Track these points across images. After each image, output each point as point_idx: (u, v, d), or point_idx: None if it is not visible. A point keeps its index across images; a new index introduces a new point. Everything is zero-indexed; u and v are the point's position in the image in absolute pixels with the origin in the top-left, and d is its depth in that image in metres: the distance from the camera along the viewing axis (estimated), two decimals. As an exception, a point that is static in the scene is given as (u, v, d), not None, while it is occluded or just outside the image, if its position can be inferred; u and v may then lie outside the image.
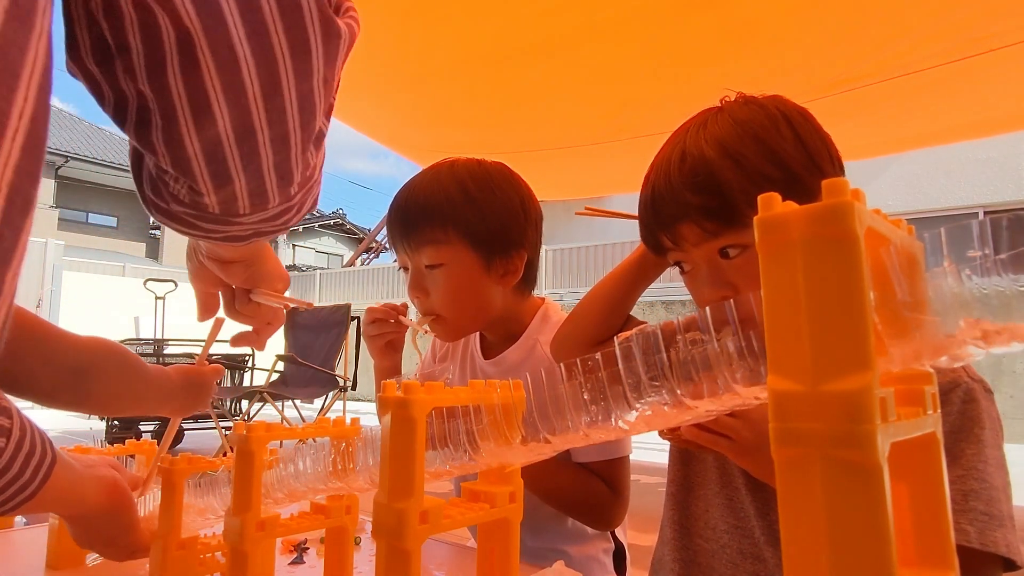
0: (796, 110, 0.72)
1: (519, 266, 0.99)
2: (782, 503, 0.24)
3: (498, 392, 0.47)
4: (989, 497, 0.60)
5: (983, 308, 0.24)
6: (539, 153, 3.14)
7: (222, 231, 0.47)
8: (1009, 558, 0.58)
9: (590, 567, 1.01)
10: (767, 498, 0.74)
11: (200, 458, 0.67)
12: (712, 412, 0.35)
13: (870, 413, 0.22)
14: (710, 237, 0.69)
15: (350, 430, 0.61)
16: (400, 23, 2.10)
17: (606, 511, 0.97)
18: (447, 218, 0.94)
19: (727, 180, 0.67)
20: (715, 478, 0.81)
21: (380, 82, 2.52)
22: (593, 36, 2.20)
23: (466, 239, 0.95)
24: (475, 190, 0.96)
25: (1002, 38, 2.04)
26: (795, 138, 0.69)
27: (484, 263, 0.96)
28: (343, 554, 0.63)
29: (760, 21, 2.11)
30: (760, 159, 0.68)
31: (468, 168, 0.99)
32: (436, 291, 0.98)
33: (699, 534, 0.79)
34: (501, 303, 1.01)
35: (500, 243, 0.96)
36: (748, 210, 0.67)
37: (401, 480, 0.41)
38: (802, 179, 0.68)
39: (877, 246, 0.25)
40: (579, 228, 10.13)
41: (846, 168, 0.75)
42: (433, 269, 0.97)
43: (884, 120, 2.72)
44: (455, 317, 0.99)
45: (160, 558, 0.64)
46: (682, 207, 0.69)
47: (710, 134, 0.70)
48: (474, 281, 0.97)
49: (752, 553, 0.73)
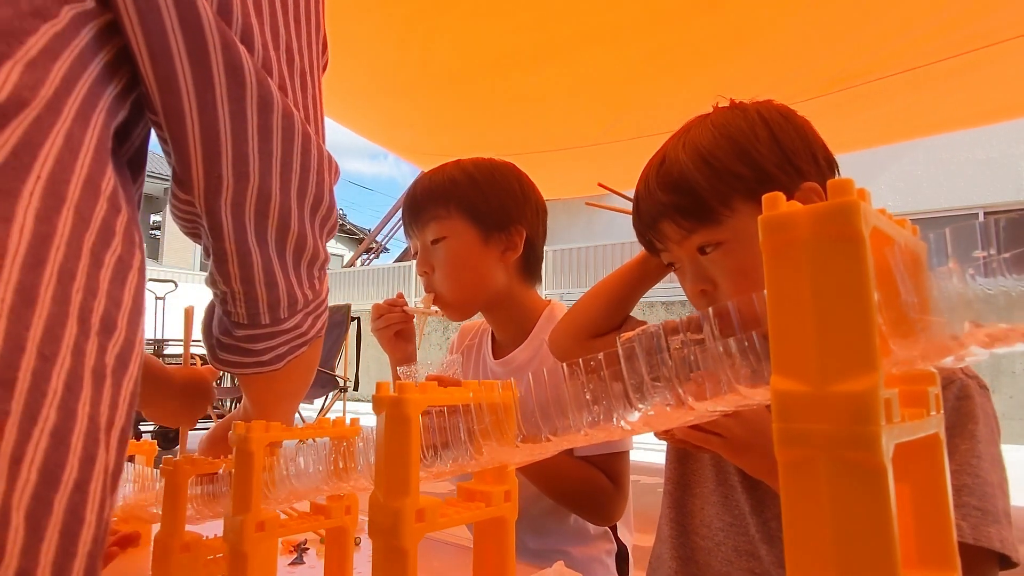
0: (778, 112, 0.74)
1: (518, 242, 1.04)
2: (785, 504, 0.23)
3: (497, 392, 0.46)
4: (983, 492, 0.60)
5: (988, 309, 0.24)
6: (539, 155, 3.13)
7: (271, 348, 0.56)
8: (1005, 554, 0.58)
9: (592, 568, 1.01)
10: (761, 496, 0.74)
11: (203, 459, 0.67)
12: (715, 412, 0.35)
13: (875, 414, 0.22)
14: (688, 235, 0.73)
15: (350, 430, 0.61)
16: (400, 26, 2.10)
17: (607, 504, 0.98)
18: (450, 196, 1.03)
19: (696, 180, 0.71)
20: (711, 476, 0.81)
21: (380, 85, 2.52)
22: (593, 40, 2.21)
23: (466, 214, 1.02)
24: (475, 172, 1.05)
25: (999, 33, 2.04)
26: (770, 138, 0.71)
27: (483, 236, 1.03)
28: (343, 554, 0.63)
29: (757, 23, 2.12)
30: (731, 158, 0.71)
31: (473, 159, 1.08)
32: (439, 265, 1.04)
33: (695, 532, 0.79)
34: (505, 285, 1.05)
35: (498, 217, 1.03)
36: (721, 208, 0.71)
37: (397, 479, 0.41)
38: (774, 177, 0.70)
39: (882, 246, 0.25)
40: (579, 228, 10.14)
41: (845, 168, 0.75)
42: (437, 244, 1.04)
43: (882, 114, 2.73)
44: (455, 290, 1.04)
45: (163, 560, 0.63)
46: (658, 206, 0.74)
47: (689, 139, 0.74)
48: (473, 253, 1.03)
49: (747, 551, 0.74)
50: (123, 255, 0.37)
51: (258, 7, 0.43)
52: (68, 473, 0.32)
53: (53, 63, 0.34)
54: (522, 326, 1.08)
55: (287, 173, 0.47)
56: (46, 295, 0.31)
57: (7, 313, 0.30)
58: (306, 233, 0.50)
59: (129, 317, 0.37)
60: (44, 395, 0.31)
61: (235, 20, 0.42)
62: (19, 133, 0.31)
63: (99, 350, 0.34)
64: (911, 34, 2.11)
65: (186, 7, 0.39)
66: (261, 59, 0.43)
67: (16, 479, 0.29)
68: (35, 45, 0.33)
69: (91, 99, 0.36)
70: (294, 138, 0.46)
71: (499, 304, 1.08)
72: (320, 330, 0.59)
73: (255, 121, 0.44)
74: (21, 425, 0.30)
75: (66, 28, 0.35)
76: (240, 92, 0.42)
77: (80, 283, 0.34)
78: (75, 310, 0.33)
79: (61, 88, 0.34)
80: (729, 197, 0.70)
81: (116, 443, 0.36)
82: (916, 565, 0.29)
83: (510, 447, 0.45)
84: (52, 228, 0.32)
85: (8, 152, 0.31)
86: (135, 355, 0.38)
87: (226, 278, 0.50)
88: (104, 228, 0.36)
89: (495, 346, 1.15)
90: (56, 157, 0.33)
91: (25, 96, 0.32)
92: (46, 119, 0.33)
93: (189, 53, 0.40)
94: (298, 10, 0.47)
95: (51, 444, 0.31)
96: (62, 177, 0.33)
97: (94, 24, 0.37)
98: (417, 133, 3.14)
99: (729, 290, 0.72)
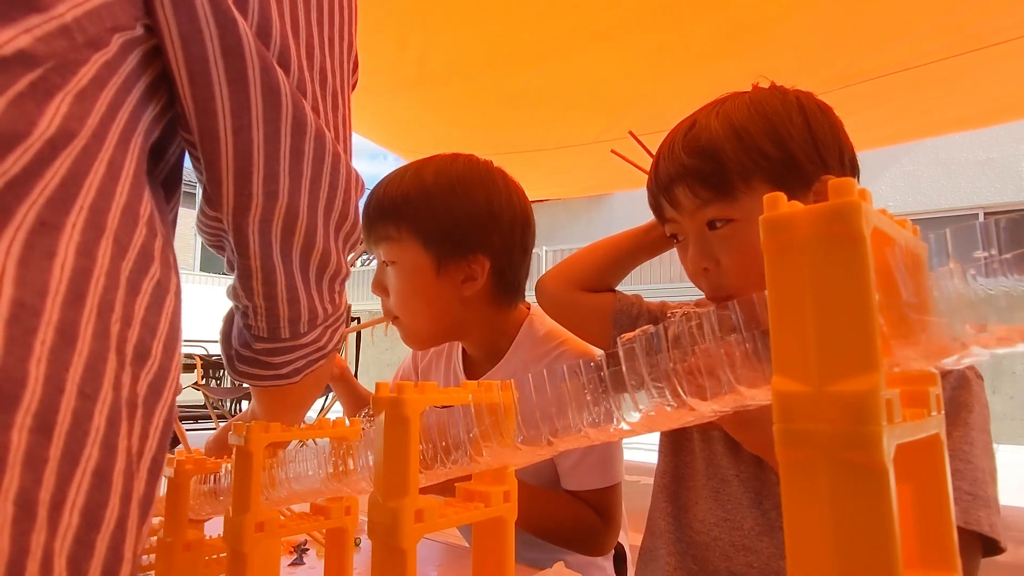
0: (817, 104, 0.73)
1: (477, 272, 0.92)
2: (786, 504, 0.23)
3: (497, 393, 0.46)
4: (974, 478, 0.60)
5: (989, 309, 0.24)
6: (538, 153, 3.14)
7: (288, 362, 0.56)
8: (992, 538, 0.59)
9: (589, 571, 1.01)
10: (759, 487, 0.74)
11: (205, 459, 0.67)
12: (717, 413, 0.35)
13: (876, 415, 0.21)
14: (702, 205, 0.71)
15: (350, 431, 0.61)
16: (399, 24, 2.10)
17: (597, 541, 0.95)
18: (400, 215, 0.91)
19: (723, 148, 0.69)
20: (702, 469, 0.81)
21: (378, 83, 2.52)
22: (593, 38, 2.21)
23: (418, 237, 0.90)
24: (433, 188, 0.91)
25: (1000, 34, 2.04)
26: (805, 125, 0.70)
27: (436, 263, 0.91)
28: (343, 555, 0.63)
29: (757, 23, 2.11)
30: (762, 136, 0.69)
31: (437, 166, 0.93)
32: (392, 291, 0.94)
33: (691, 527, 0.79)
34: (467, 316, 0.94)
35: (452, 245, 0.90)
36: (740, 183, 0.69)
37: (395, 479, 0.41)
38: (801, 165, 0.69)
39: (882, 246, 0.24)
40: (579, 228, 10.14)
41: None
42: (388, 266, 0.94)
43: (884, 115, 2.72)
44: (409, 320, 0.95)
45: (166, 560, 0.63)
46: (679, 168, 0.72)
47: (724, 110, 0.72)
48: (425, 283, 0.91)
49: (744, 545, 0.73)
50: (161, 279, 0.37)
51: (295, 28, 0.43)
52: (110, 512, 0.31)
53: (100, 91, 0.34)
54: (497, 344, 0.99)
55: (315, 191, 0.47)
56: (86, 331, 0.31)
57: (47, 355, 0.29)
58: (330, 250, 0.50)
59: (165, 343, 0.37)
60: (86, 434, 0.30)
61: (273, 42, 0.42)
62: (67, 165, 0.31)
63: (132, 380, 0.34)
64: (911, 34, 2.11)
65: (228, 33, 0.39)
66: (296, 80, 0.43)
67: (57, 525, 0.29)
68: (86, 75, 0.33)
69: (131, 123, 0.36)
70: (324, 158, 0.46)
71: (464, 332, 0.98)
72: (338, 343, 0.59)
73: (288, 143, 0.44)
74: (60, 470, 0.29)
75: (114, 56, 0.35)
76: (275, 114, 0.42)
77: (118, 313, 0.33)
78: (114, 342, 0.33)
79: (106, 116, 0.34)
80: (752, 174, 0.69)
81: (147, 473, 0.35)
82: (917, 566, 0.29)
83: (510, 448, 0.45)
84: (92, 261, 0.32)
85: (56, 185, 0.31)
86: (170, 382, 0.37)
87: (249, 293, 0.50)
88: (142, 254, 0.36)
89: (467, 363, 1.05)
90: (98, 186, 0.33)
91: (73, 127, 0.32)
92: (92, 148, 0.33)
93: (229, 78, 0.40)
94: (332, 30, 0.47)
95: (93, 484, 0.31)
96: (103, 206, 0.33)
97: (139, 50, 0.37)
98: (416, 131, 3.14)
99: (731, 269, 0.71)
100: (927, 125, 3.02)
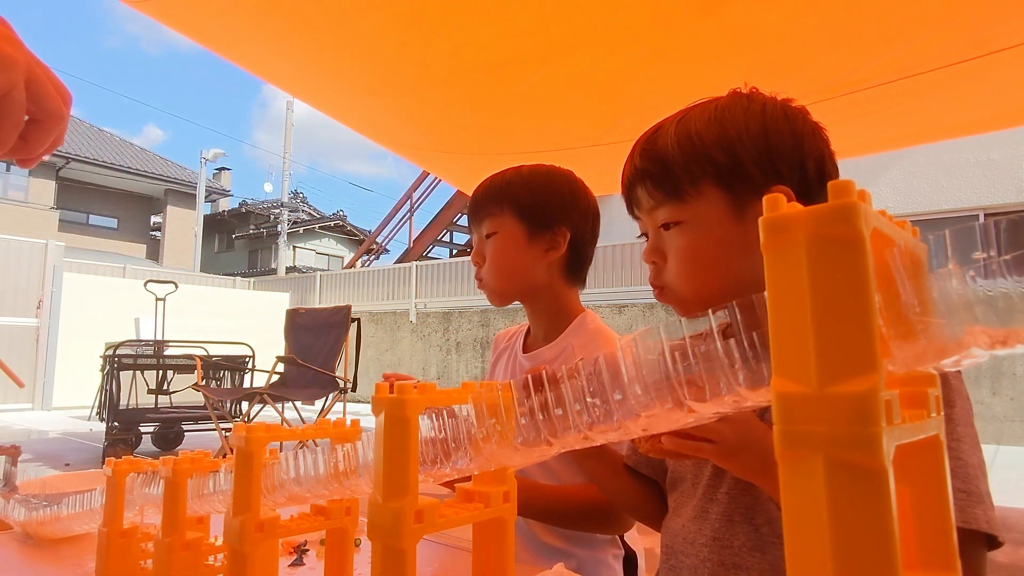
0: (784, 112, 0.73)
1: (561, 242, 1.11)
2: (785, 505, 0.23)
3: (498, 392, 0.46)
4: (965, 474, 0.59)
5: (988, 310, 0.24)
6: (539, 155, 3.13)
7: None
8: (991, 534, 0.58)
9: (598, 571, 1.02)
10: (751, 502, 0.72)
11: (203, 459, 0.67)
12: (716, 414, 0.35)
13: (876, 416, 0.22)
14: (656, 206, 0.75)
15: (350, 432, 0.61)
16: (400, 26, 2.10)
17: (613, 520, 1.00)
18: (503, 194, 1.13)
19: (672, 154, 0.72)
20: (687, 490, 0.80)
21: (380, 84, 2.52)
22: (593, 41, 2.21)
23: (515, 212, 1.11)
24: (529, 175, 1.14)
25: (1000, 41, 2.04)
26: (761, 134, 0.71)
27: (528, 233, 1.11)
28: (343, 556, 0.63)
29: (756, 28, 2.11)
30: (713, 144, 0.71)
31: (532, 165, 1.17)
32: (489, 257, 1.13)
33: (680, 550, 0.78)
34: (545, 280, 1.13)
35: (543, 217, 1.11)
36: (689, 187, 0.72)
37: (396, 480, 0.41)
38: (749, 173, 0.70)
39: (882, 247, 0.24)
40: (579, 230, 10.09)
41: (846, 169, 0.75)
42: (489, 238, 1.13)
43: (883, 120, 2.72)
44: (496, 278, 1.13)
45: (164, 560, 0.63)
46: (635, 170, 0.76)
47: (687, 116, 0.75)
48: (517, 247, 1.11)
49: (733, 563, 0.71)
50: None
51: None
52: None
53: None
54: (556, 323, 1.14)
55: None
56: None
57: None
58: None
59: None
60: None
61: None
62: None
63: None
64: (912, 40, 2.11)
65: None
66: None
67: None
68: None
69: None
70: None
71: (538, 296, 1.15)
72: None
73: None
74: None
75: None
76: None
77: None
78: None
79: None
80: (699, 179, 0.71)
81: None
82: (917, 566, 0.29)
83: (510, 448, 0.45)
84: None
85: None
86: None
87: None
88: None
89: (527, 341, 1.22)
90: None
91: None
92: None
93: None
94: None
95: None
96: None
97: None
98: (416, 132, 3.14)
99: (674, 268, 0.73)
100: (929, 131, 3.01)
